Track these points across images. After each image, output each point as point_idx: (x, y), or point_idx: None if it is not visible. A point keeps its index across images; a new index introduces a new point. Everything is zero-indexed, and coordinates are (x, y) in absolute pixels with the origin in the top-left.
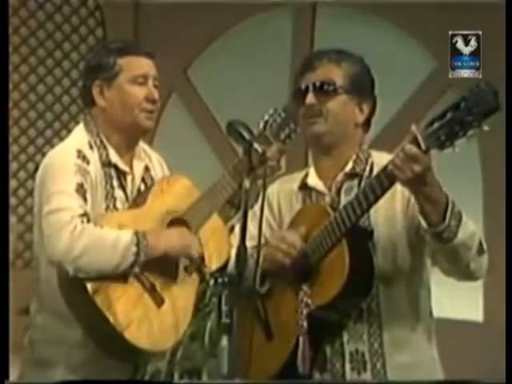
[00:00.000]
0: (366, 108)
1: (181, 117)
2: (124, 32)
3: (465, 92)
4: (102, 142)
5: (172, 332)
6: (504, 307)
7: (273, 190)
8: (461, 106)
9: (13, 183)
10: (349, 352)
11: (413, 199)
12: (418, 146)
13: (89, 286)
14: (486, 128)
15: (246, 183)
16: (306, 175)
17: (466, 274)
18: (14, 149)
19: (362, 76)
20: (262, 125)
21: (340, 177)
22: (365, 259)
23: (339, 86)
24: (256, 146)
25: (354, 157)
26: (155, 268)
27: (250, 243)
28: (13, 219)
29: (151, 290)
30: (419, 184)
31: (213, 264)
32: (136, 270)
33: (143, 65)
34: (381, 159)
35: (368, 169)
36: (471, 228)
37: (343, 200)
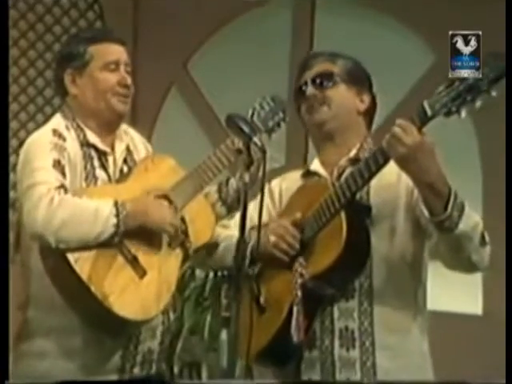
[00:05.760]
0: (367, 98)
1: (180, 111)
2: (123, 25)
3: None
4: (78, 125)
5: (153, 303)
6: (504, 300)
7: (276, 179)
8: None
9: (13, 177)
10: (338, 329)
11: None
12: (413, 121)
13: (70, 256)
14: (494, 94)
15: (246, 177)
16: (309, 165)
17: (469, 266)
18: (13, 142)
19: (358, 71)
20: (250, 112)
21: (343, 162)
22: (362, 234)
23: (336, 75)
24: (256, 139)
25: (358, 145)
26: (139, 238)
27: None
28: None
29: (133, 262)
30: (412, 164)
31: (197, 241)
32: (116, 240)
33: (114, 51)
34: None
35: None
36: (474, 219)
37: None
